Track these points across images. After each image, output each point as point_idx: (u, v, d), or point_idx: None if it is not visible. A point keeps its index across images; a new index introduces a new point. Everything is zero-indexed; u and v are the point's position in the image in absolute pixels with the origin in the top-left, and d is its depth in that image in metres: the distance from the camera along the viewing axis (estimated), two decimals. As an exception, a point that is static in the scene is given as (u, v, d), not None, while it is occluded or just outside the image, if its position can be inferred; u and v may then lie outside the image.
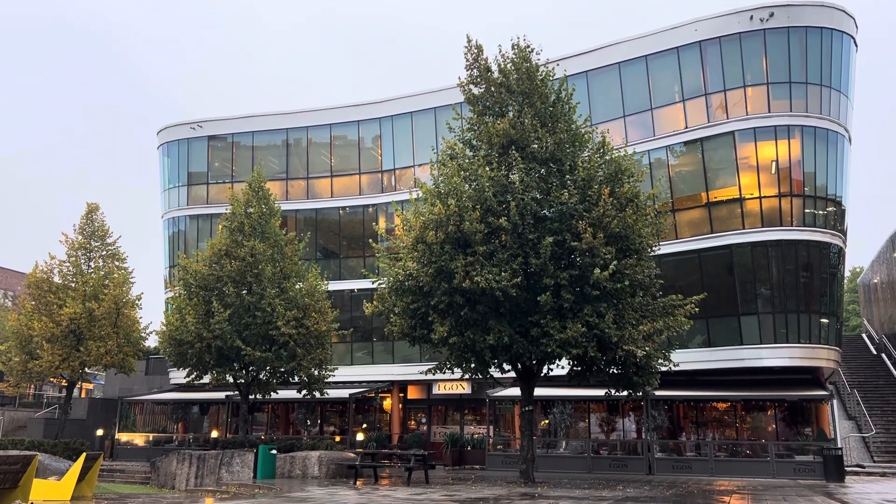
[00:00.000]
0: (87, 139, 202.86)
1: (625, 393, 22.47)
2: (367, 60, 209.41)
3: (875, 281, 49.55)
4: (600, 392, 24.13)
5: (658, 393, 26.38)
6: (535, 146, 20.67)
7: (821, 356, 28.34)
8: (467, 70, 22.56)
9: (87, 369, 34.65)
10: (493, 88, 22.21)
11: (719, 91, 29.49)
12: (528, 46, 22.49)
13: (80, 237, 35.18)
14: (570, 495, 16.80)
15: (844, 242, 29.76)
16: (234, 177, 39.74)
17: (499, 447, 31.02)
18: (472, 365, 21.69)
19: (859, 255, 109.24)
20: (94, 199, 38.19)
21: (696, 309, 21.31)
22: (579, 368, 21.61)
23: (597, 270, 18.41)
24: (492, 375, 22.69)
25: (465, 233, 19.13)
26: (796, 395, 27.96)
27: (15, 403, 42.96)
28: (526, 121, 20.81)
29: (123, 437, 37.26)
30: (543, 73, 22.30)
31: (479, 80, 22.46)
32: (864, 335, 47.83)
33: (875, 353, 41.72)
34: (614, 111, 31.78)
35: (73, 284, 33.98)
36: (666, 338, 20.97)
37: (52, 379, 35.63)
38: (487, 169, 20.09)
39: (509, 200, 19.44)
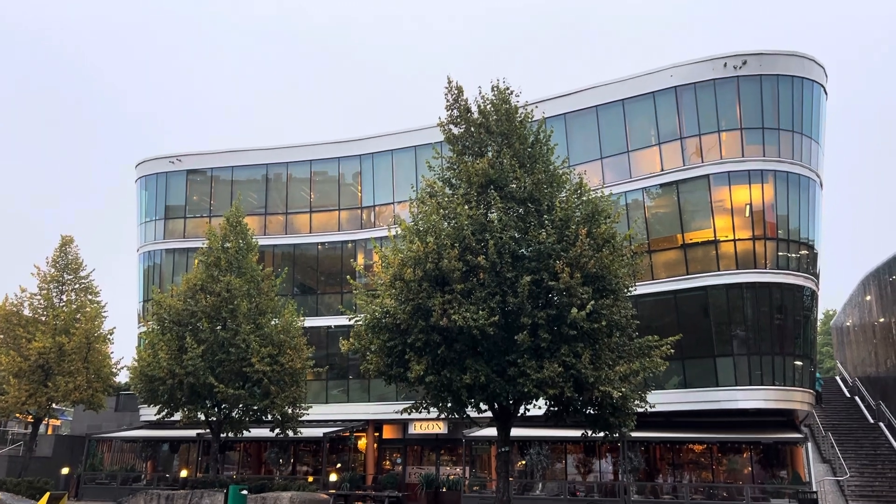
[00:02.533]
0: (61, 169, 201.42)
1: (601, 434, 22.30)
2: (348, 95, 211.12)
3: (848, 324, 50.13)
4: (577, 433, 23.97)
5: (634, 434, 26.27)
6: (514, 186, 20.81)
7: (795, 398, 28.52)
8: (447, 110, 22.77)
9: (54, 405, 34.01)
10: (472, 129, 22.42)
11: (694, 135, 30.05)
12: (508, 88, 22.79)
13: (52, 270, 34.82)
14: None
15: (817, 285, 30.19)
16: (212, 211, 39.64)
17: (475, 489, 30.69)
18: (449, 404, 21.46)
19: (832, 298, 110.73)
20: (68, 231, 37.79)
21: (672, 350, 21.31)
22: (556, 409, 21.49)
23: (574, 310, 18.42)
24: (468, 415, 22.47)
25: (444, 270, 19.11)
26: (771, 437, 28.03)
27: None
28: (505, 161, 20.97)
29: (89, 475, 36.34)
30: (522, 115, 22.55)
31: (458, 120, 22.67)
32: (837, 377, 48.17)
33: (849, 395, 42.00)
34: (592, 153, 32.23)
35: (43, 318, 33.53)
36: (642, 379, 20.92)
37: (17, 415, 34.84)
38: (466, 207, 20.15)
39: (488, 239, 19.50)
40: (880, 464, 30.41)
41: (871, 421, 35.44)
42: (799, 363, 29.01)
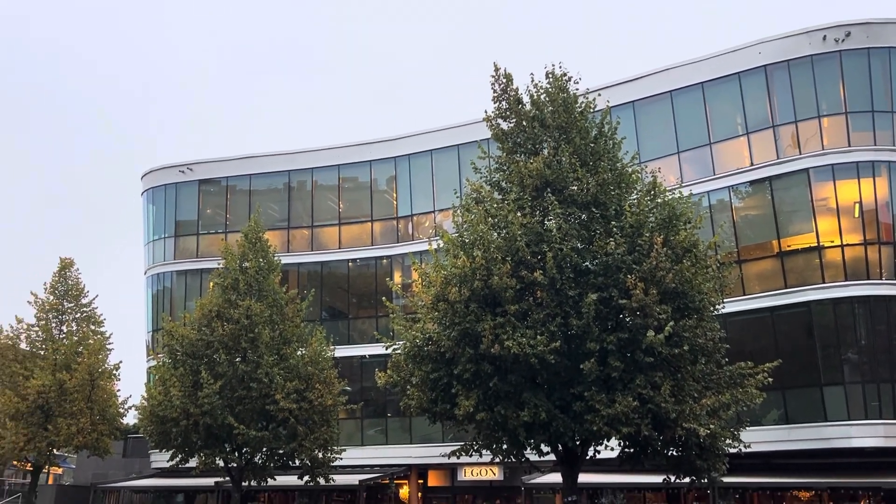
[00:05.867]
0: (61, 187, 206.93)
1: (687, 480, 21.81)
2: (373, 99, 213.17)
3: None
4: (658, 478, 23.45)
5: (727, 479, 25.57)
6: (575, 188, 20.53)
7: (920, 433, 27.48)
8: (495, 102, 22.65)
9: (55, 451, 34.65)
10: (524, 123, 22.25)
11: (790, 122, 29.34)
12: (565, 74, 22.57)
13: (51, 297, 35.61)
14: None
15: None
16: (227, 226, 40.10)
17: (538, 545, 30.29)
18: (504, 446, 21.22)
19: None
20: (69, 253, 38.72)
21: (770, 379, 20.71)
22: (632, 450, 21.03)
23: (650, 333, 18.03)
24: (527, 458, 22.16)
25: (494, 289, 18.91)
26: (894, 481, 27.02)
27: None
28: (563, 159, 20.74)
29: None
30: (583, 105, 22.31)
31: (508, 113, 22.53)
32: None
33: None
34: (667, 147, 31.71)
35: (42, 352, 34.28)
36: (734, 413, 20.38)
37: (14, 462, 35.62)
38: (519, 215, 19.97)
39: (545, 251, 19.23)
40: None
41: None
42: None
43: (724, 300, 22.76)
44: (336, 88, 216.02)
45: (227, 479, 29.95)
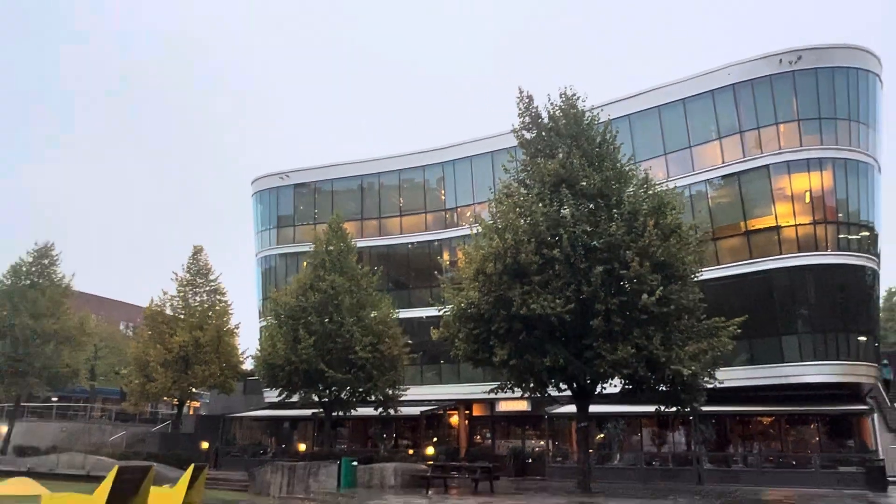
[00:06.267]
0: (189, 189, 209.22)
1: (674, 409, 21.59)
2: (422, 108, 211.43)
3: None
4: (651, 408, 23.18)
5: (705, 408, 25.13)
6: (584, 183, 20.26)
7: (860, 372, 26.71)
8: (520, 117, 22.44)
9: (193, 390, 35.43)
10: (543, 133, 22.02)
11: (753, 129, 28.53)
12: (574, 94, 22.28)
13: (187, 275, 36.22)
14: (626, 506, 16.11)
15: (878, 265, 28.16)
16: (316, 219, 40.32)
17: (558, 459, 30.19)
18: (531, 385, 21.19)
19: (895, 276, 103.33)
20: (198, 241, 39.23)
21: (739, 330, 20.39)
22: (630, 387, 20.84)
23: (644, 296, 17.87)
24: (549, 394, 22.13)
25: (522, 264, 18.84)
26: (838, 409, 26.38)
27: (135, 420, 44.10)
28: (574, 161, 20.49)
29: (224, 448, 37.74)
30: (589, 118, 22.01)
31: (530, 125, 22.31)
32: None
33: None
34: (656, 149, 31.04)
35: (181, 316, 34.89)
36: (710, 357, 20.01)
37: (165, 398, 36.51)
38: (540, 205, 19.81)
39: (561, 233, 19.09)
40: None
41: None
42: (862, 339, 27.15)
43: (702, 269, 22.38)
44: (395, 98, 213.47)
45: (321, 410, 30.37)
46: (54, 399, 45.29)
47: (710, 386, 20.69)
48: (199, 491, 18.92)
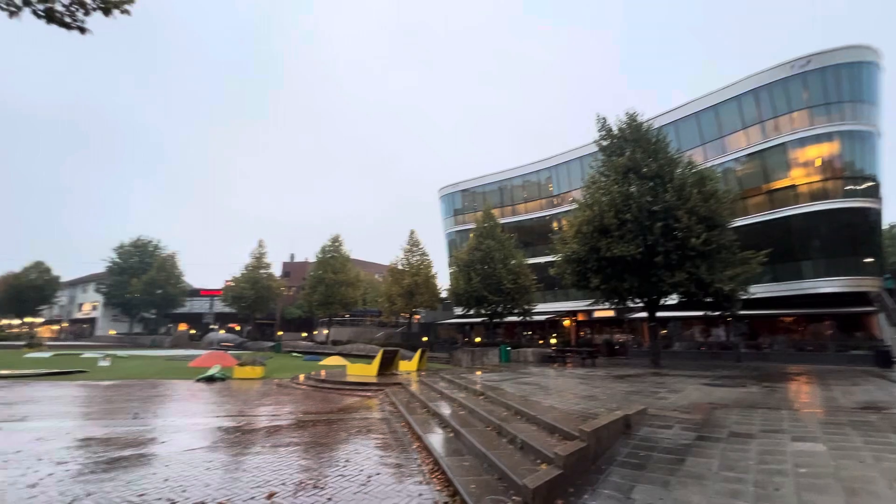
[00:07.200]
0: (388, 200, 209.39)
1: (717, 313, 18.89)
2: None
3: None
4: (700, 313, 20.52)
5: (741, 312, 21.84)
6: (645, 169, 18.12)
7: (866, 283, 21.60)
8: (598, 132, 20.45)
9: (414, 308, 37.31)
10: (614, 140, 19.88)
11: (771, 118, 23.70)
12: (635, 112, 19.80)
13: (408, 246, 37.96)
14: (684, 374, 14.46)
15: (881, 205, 22.35)
16: (475, 209, 40.27)
17: (635, 346, 27.94)
18: (616, 300, 19.62)
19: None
20: (413, 227, 40.35)
21: (766, 258, 17.27)
22: (685, 300, 18.54)
23: (693, 240, 15.69)
24: (628, 306, 20.35)
25: (605, 224, 17.36)
26: (849, 310, 21.60)
27: (388, 326, 47.48)
28: (637, 155, 18.34)
29: (433, 341, 39.25)
30: (646, 127, 19.49)
31: (605, 136, 20.26)
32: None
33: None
34: (695, 141, 26.97)
35: (406, 269, 36.73)
36: (744, 278, 17.18)
37: (402, 314, 38.89)
38: (616, 186, 18.03)
39: (631, 203, 17.25)
40: (951, 327, 21.91)
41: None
42: (868, 259, 21.82)
43: (735, 219, 19.16)
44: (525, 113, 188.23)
45: (487, 318, 30.57)
46: (347, 315, 50.10)
47: (744, 297, 17.81)
48: (424, 363, 20.06)
